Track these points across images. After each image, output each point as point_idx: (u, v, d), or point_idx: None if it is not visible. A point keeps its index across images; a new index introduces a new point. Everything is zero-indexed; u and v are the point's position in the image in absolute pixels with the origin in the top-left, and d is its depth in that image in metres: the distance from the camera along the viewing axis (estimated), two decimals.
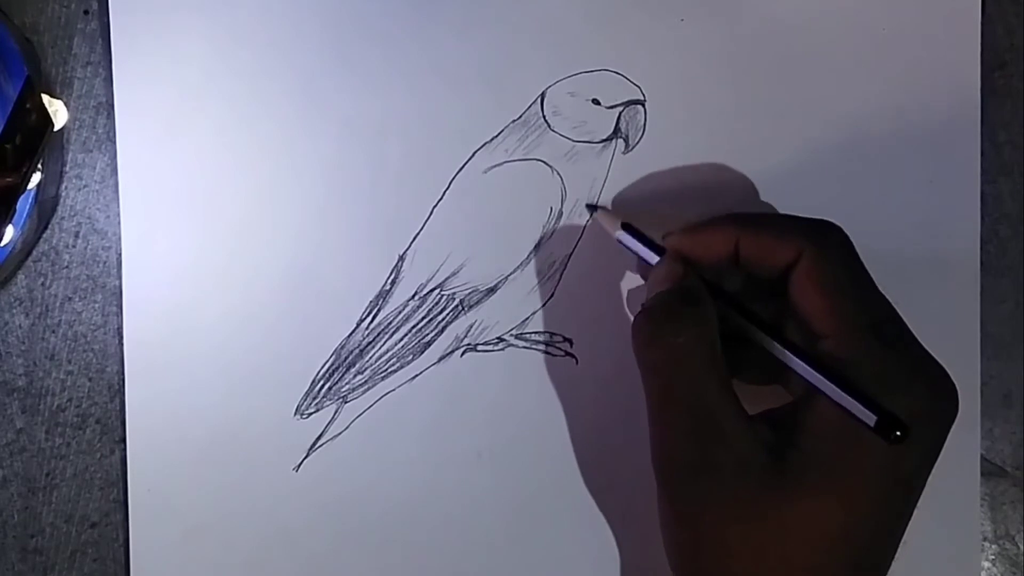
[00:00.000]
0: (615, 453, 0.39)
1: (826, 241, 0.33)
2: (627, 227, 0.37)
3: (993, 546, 0.40)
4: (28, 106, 0.36)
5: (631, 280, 0.40)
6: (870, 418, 0.30)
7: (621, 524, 0.39)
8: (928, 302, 0.40)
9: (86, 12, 0.40)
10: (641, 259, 0.37)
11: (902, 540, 0.33)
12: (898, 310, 0.40)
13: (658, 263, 0.35)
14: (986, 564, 0.40)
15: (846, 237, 0.34)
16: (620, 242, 0.37)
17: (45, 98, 0.38)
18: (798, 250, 0.33)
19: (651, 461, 0.33)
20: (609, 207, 0.39)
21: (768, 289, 0.35)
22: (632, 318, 0.35)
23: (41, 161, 0.38)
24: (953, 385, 0.32)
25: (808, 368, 0.32)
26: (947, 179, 0.40)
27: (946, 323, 0.40)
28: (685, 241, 0.35)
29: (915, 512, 0.32)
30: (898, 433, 0.29)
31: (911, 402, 0.31)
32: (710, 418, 0.32)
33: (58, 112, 0.38)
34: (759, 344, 0.33)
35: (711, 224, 0.35)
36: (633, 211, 0.39)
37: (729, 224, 0.35)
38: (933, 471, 0.39)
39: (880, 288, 0.33)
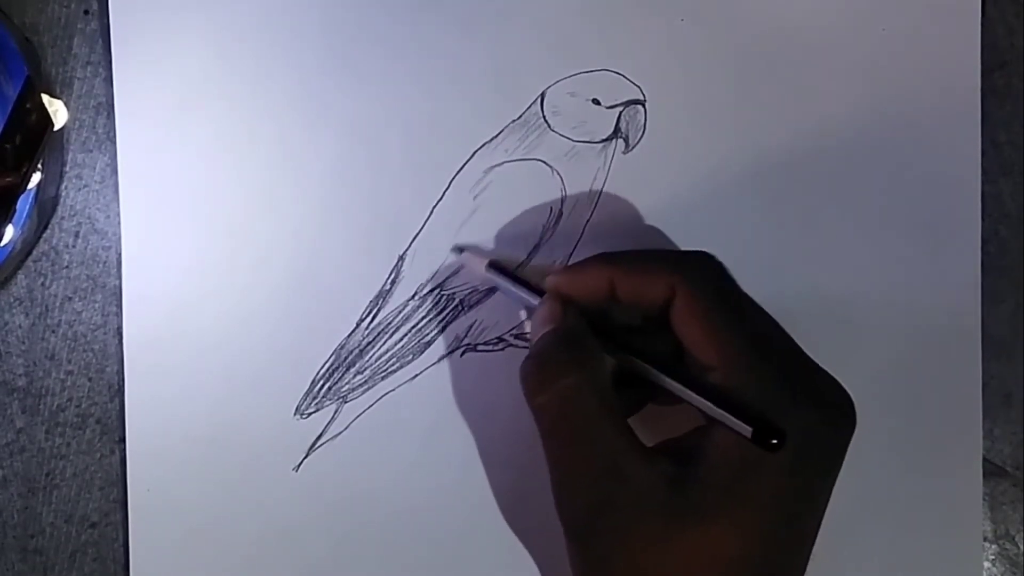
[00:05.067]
0: None
1: (697, 274, 0.33)
2: (494, 266, 0.38)
3: (993, 546, 0.40)
4: (28, 106, 0.36)
5: None
6: (747, 430, 0.30)
7: None
8: (928, 302, 0.40)
9: (86, 12, 0.40)
10: (519, 299, 0.37)
11: (810, 558, 0.32)
12: (898, 311, 0.40)
13: (539, 303, 0.36)
14: (986, 564, 0.40)
15: (719, 265, 0.34)
16: (491, 281, 0.38)
17: (45, 98, 0.38)
18: (670, 286, 0.33)
19: (555, 504, 0.33)
20: (475, 250, 0.39)
21: (656, 322, 0.34)
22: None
23: (41, 161, 0.38)
24: (847, 400, 0.32)
25: (685, 390, 0.32)
26: (947, 179, 0.40)
27: (946, 323, 0.40)
28: (562, 281, 0.35)
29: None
30: (774, 441, 0.29)
31: (801, 425, 0.31)
32: (606, 457, 0.32)
33: (58, 112, 0.38)
34: (646, 376, 0.33)
35: (584, 265, 0.35)
36: (633, 211, 0.39)
37: (601, 264, 0.35)
38: (934, 470, 0.40)
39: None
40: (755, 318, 0.33)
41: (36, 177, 0.38)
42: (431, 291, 0.39)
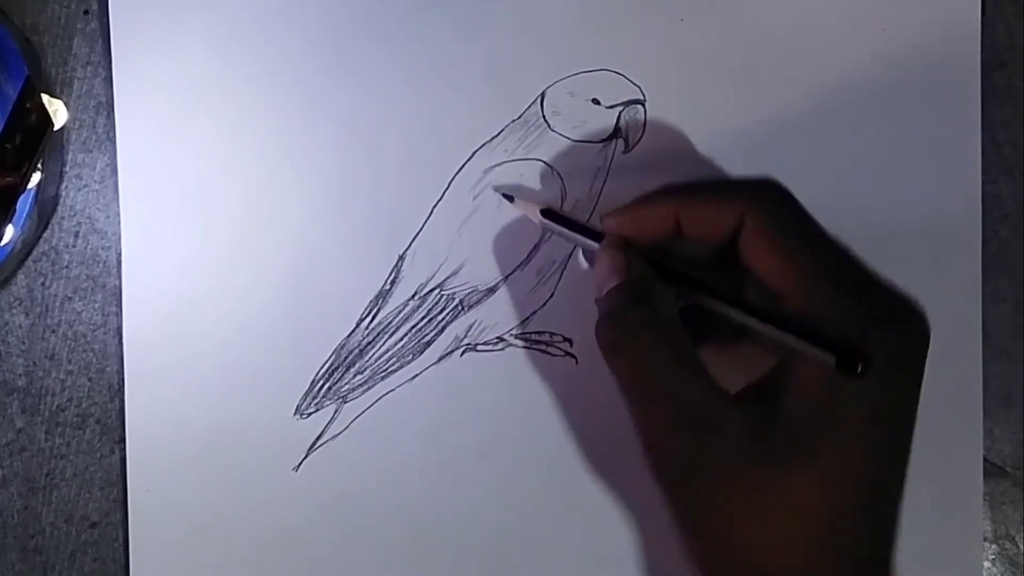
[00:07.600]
0: (616, 453, 0.39)
1: (767, 200, 0.33)
2: (547, 212, 0.37)
3: (993, 546, 0.40)
4: (28, 106, 0.36)
5: None
6: (830, 358, 0.29)
7: (630, 519, 0.39)
8: (928, 302, 0.40)
9: (86, 12, 0.40)
10: (578, 244, 0.36)
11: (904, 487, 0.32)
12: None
13: (599, 252, 0.35)
14: (986, 564, 0.40)
15: (787, 192, 0.33)
16: (547, 228, 0.37)
17: (45, 98, 0.38)
18: (740, 214, 0.32)
19: (646, 463, 0.33)
20: (526, 199, 0.39)
21: (720, 254, 0.34)
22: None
23: (41, 161, 0.38)
24: (919, 311, 0.32)
25: (760, 323, 0.31)
26: (947, 179, 0.40)
27: (946, 323, 0.40)
28: (623, 221, 0.35)
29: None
30: (860, 367, 0.29)
31: (879, 345, 0.30)
32: (694, 409, 0.31)
33: (58, 112, 0.38)
34: (718, 312, 0.33)
35: (647, 200, 0.35)
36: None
37: (666, 197, 0.34)
38: (934, 470, 0.40)
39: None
40: (826, 241, 0.33)
41: (36, 177, 0.38)
42: (431, 291, 0.39)
